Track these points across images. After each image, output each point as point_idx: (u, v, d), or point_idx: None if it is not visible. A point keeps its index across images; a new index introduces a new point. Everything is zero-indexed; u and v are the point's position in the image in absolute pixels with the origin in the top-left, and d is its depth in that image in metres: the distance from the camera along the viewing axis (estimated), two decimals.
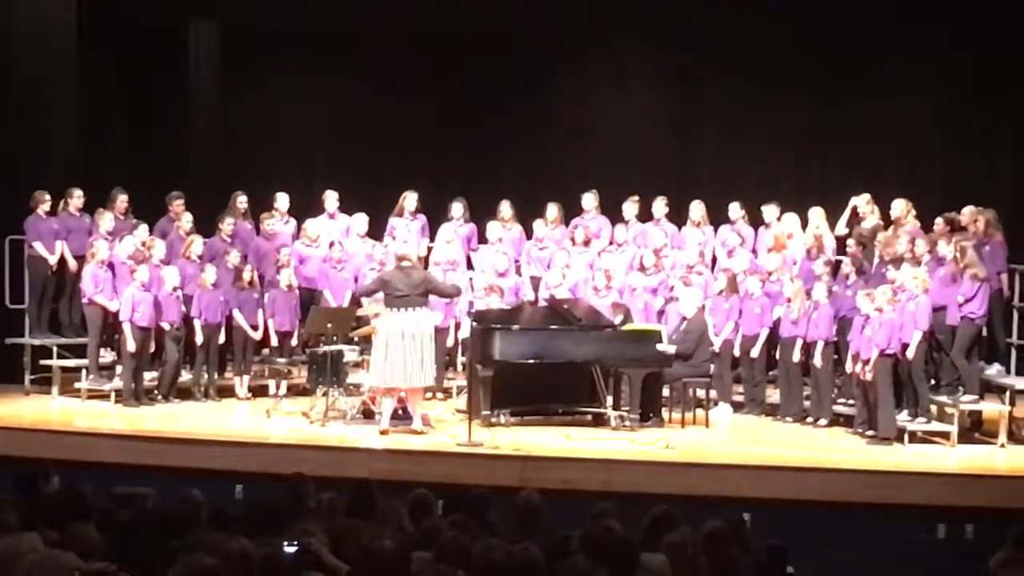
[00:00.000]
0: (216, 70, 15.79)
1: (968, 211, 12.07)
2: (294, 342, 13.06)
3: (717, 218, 13.59)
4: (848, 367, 11.60)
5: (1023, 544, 6.52)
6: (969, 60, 14.38)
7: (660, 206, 13.63)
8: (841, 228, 13.00)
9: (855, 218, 12.91)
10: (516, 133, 15.63)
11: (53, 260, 12.84)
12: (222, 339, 12.73)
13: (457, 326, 12.97)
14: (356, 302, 12.76)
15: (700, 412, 12.11)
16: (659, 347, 11.82)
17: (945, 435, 11.23)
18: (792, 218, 13.19)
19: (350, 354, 11.86)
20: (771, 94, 15.14)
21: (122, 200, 13.08)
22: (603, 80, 15.83)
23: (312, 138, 16.22)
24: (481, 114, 15.49)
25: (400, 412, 11.33)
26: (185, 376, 12.70)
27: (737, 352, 12.53)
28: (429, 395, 12.15)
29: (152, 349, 12.31)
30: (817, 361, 11.82)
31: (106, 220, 12.77)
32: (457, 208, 13.83)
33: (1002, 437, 11.29)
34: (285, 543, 5.54)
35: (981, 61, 14.28)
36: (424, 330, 10.99)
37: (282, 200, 13.80)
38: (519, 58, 15.34)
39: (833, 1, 14.43)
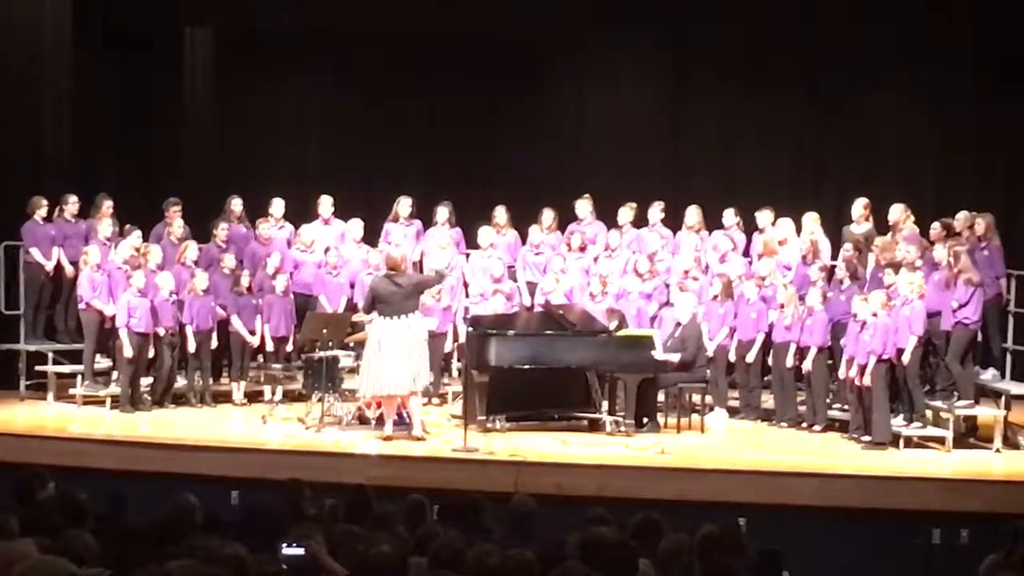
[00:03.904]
0: (211, 74, 15.77)
1: (962, 216, 12.07)
2: (289, 348, 13.05)
3: (713, 223, 13.58)
4: (842, 372, 11.60)
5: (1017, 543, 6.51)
6: (967, 62, 14.38)
7: (656, 211, 13.61)
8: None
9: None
10: (511, 137, 15.61)
11: (50, 266, 12.83)
12: (215, 344, 12.72)
13: (455, 332, 12.98)
14: (352, 308, 12.77)
15: (695, 417, 12.10)
16: (660, 356, 11.79)
17: (940, 440, 11.24)
18: (787, 223, 13.18)
19: (346, 360, 11.85)
20: (767, 98, 15.11)
21: (107, 206, 12.99)
22: (599, 84, 15.79)
23: (306, 142, 16.19)
24: (476, 118, 15.47)
25: (396, 419, 11.32)
26: (180, 382, 12.69)
27: (732, 357, 12.52)
28: (425, 400, 12.12)
29: (151, 355, 12.31)
30: (807, 366, 11.80)
31: (104, 226, 12.76)
32: (442, 212, 13.72)
33: (997, 442, 11.30)
34: (284, 544, 5.55)
35: (978, 63, 14.29)
36: (413, 336, 10.93)
37: (277, 205, 13.77)
38: (514, 62, 15.32)
39: (830, 3, 14.43)
